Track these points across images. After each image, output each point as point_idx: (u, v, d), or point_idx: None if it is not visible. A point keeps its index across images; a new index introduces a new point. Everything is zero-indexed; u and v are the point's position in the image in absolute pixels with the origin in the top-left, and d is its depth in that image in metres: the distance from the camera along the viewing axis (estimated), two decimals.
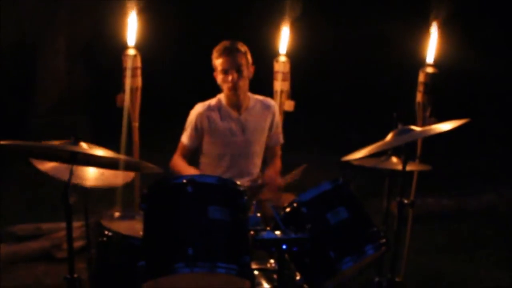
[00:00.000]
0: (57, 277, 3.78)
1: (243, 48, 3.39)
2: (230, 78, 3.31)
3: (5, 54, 7.47)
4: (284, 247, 2.25)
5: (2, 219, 4.76)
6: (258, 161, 3.55)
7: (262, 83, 4.06)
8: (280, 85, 3.98)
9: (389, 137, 2.62)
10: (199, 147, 3.50)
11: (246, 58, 3.38)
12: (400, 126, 2.58)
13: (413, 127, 2.61)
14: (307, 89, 5.26)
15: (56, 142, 2.42)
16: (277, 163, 3.60)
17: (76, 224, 2.89)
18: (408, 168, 2.99)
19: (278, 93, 4.00)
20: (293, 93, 4.01)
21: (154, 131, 6.11)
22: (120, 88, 3.56)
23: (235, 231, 2.16)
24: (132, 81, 3.55)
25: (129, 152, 3.62)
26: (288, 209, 2.35)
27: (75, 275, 2.37)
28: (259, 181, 3.28)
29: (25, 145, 2.35)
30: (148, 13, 3.67)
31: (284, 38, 3.94)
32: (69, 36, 7.93)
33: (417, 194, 5.69)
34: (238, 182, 2.31)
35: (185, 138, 3.48)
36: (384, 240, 2.35)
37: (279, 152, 3.65)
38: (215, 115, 3.42)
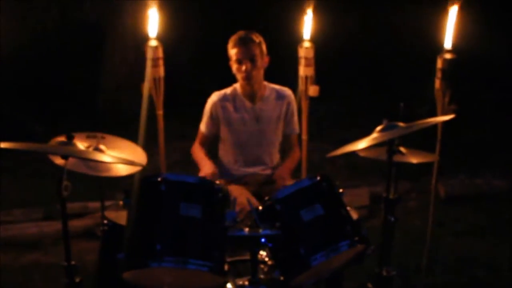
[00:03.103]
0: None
1: (257, 38, 3.43)
2: (243, 68, 3.38)
3: (72, 34, 7.88)
4: (263, 240, 2.36)
5: (53, 197, 5.13)
6: (273, 150, 3.60)
7: (289, 69, 4.12)
8: (304, 70, 4.01)
9: (374, 133, 2.61)
10: (218, 134, 3.61)
11: (260, 49, 3.43)
12: (385, 122, 2.57)
13: (399, 123, 2.59)
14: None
15: (52, 142, 2.62)
16: (295, 154, 3.63)
17: None
18: (416, 160, 3.02)
19: (303, 79, 4.03)
20: (318, 78, 4.04)
21: (177, 119, 6.36)
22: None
23: (207, 227, 2.26)
24: (154, 71, 3.71)
25: (149, 139, 3.81)
26: (263, 206, 2.42)
27: (72, 262, 2.57)
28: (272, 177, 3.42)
29: (23, 148, 2.52)
30: (171, 3, 3.79)
31: (308, 24, 3.94)
32: (136, 14, 8.22)
33: (465, 174, 5.61)
34: (218, 182, 2.41)
35: (202, 126, 3.61)
36: (357, 238, 2.37)
37: (295, 141, 3.67)
38: (230, 105, 3.51)
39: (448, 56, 3.42)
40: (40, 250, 4.45)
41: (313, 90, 4.02)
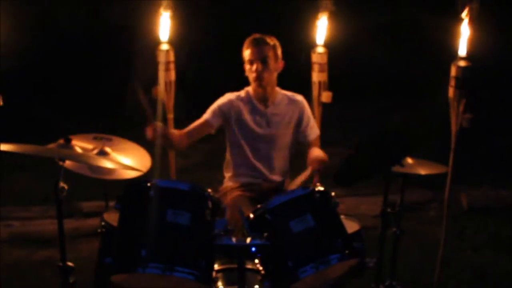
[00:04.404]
0: None
1: (272, 41, 3.40)
2: (254, 68, 3.34)
3: (101, 35, 7.98)
4: (253, 250, 2.32)
5: (73, 195, 5.20)
6: (285, 157, 3.53)
7: (302, 74, 4.08)
8: (317, 76, 3.95)
9: None
10: (217, 128, 3.49)
11: (274, 51, 3.38)
12: None
13: None
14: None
15: (50, 145, 2.63)
16: None
17: None
18: (424, 171, 2.95)
19: (316, 84, 3.97)
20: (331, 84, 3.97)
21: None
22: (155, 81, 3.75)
23: (194, 235, 2.24)
24: (166, 74, 3.72)
25: None
26: (255, 215, 2.38)
27: (68, 263, 2.59)
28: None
29: (21, 151, 2.53)
30: (184, 7, 3.79)
31: (321, 29, 3.89)
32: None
33: (490, 184, 5.46)
34: (209, 190, 2.38)
35: (205, 114, 3.46)
36: (347, 251, 2.31)
37: (318, 143, 3.59)
38: (243, 107, 3.46)
39: (462, 63, 3.32)
40: (55, 247, 4.47)
41: (326, 96, 3.97)
